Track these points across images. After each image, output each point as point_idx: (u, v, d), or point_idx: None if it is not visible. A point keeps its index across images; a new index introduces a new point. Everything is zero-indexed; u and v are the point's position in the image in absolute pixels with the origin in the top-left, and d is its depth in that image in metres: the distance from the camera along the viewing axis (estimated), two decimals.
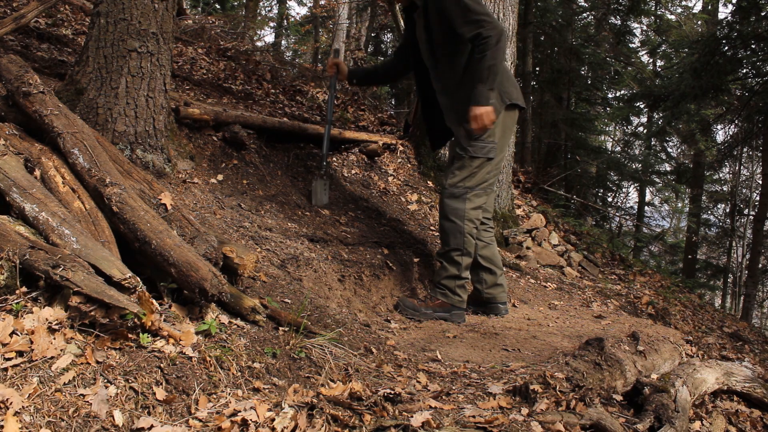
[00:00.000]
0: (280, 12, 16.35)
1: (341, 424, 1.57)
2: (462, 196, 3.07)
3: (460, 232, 3.07)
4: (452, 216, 3.08)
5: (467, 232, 3.08)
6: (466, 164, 3.07)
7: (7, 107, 2.64)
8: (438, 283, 3.15)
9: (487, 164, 3.08)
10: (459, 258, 3.09)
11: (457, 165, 3.10)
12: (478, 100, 2.90)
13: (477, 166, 3.07)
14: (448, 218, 3.09)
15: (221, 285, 1.96)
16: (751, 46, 6.73)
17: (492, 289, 3.31)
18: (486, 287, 3.31)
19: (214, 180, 3.32)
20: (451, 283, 3.11)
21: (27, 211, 1.98)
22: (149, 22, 2.88)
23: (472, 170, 3.07)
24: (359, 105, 6.56)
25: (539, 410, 1.84)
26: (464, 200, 3.07)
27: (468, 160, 3.06)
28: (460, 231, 3.07)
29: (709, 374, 2.56)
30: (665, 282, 5.87)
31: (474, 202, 3.09)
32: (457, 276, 3.10)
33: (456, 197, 3.08)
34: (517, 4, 5.18)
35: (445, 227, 3.12)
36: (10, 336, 1.54)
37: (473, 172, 3.07)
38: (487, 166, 3.08)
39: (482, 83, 2.88)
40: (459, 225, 3.07)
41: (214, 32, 7.53)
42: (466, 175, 3.07)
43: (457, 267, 3.10)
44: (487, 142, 3.04)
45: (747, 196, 13.95)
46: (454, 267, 3.11)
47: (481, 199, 3.13)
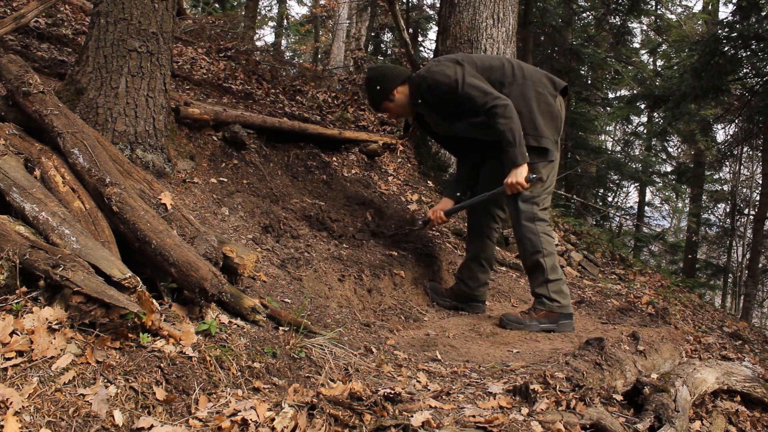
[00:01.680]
0: (280, 12, 16.35)
1: (341, 424, 1.57)
2: (530, 200, 3.03)
3: (535, 234, 3.01)
4: (525, 220, 3.02)
5: (542, 231, 3.02)
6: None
7: (7, 107, 2.64)
8: (534, 292, 3.08)
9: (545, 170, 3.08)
10: (542, 260, 3.00)
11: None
12: (514, 160, 2.94)
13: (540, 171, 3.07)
14: (521, 223, 3.04)
15: (221, 285, 1.96)
16: (751, 46, 6.73)
17: (481, 287, 3.34)
18: (477, 285, 3.32)
19: (214, 180, 3.32)
20: (543, 289, 3.01)
21: (27, 210, 1.98)
22: (149, 21, 2.88)
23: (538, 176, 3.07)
24: (359, 105, 6.56)
25: (539, 410, 1.84)
26: (532, 203, 3.03)
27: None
28: (534, 233, 3.01)
29: (709, 374, 2.56)
30: (665, 282, 5.87)
31: (541, 204, 3.07)
32: (545, 280, 3.01)
33: (524, 200, 3.03)
34: (517, 4, 5.19)
35: (521, 233, 3.05)
36: (10, 336, 1.54)
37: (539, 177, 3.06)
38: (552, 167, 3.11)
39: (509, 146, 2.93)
40: (532, 227, 3.01)
41: (214, 32, 7.53)
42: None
43: (542, 271, 3.01)
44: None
45: (747, 196, 13.94)
46: (539, 272, 3.03)
47: (548, 200, 3.13)
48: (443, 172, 4.88)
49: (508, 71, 3.09)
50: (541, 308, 3.01)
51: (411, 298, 3.30)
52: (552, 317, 2.98)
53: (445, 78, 3.00)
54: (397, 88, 3.18)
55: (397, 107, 3.25)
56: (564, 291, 3.04)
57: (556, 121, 3.11)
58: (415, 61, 6.29)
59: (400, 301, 3.20)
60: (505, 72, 3.09)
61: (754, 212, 10.55)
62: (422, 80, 3.08)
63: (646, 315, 3.69)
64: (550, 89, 3.12)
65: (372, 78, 3.25)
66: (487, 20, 4.89)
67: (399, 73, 3.21)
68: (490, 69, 3.08)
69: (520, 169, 2.93)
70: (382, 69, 3.33)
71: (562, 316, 2.99)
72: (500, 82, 3.06)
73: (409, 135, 5.32)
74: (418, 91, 3.13)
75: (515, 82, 3.07)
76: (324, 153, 4.25)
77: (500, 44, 4.93)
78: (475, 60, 3.12)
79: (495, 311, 3.43)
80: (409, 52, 6.26)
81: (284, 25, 16.63)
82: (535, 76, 3.13)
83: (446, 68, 3.03)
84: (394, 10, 6.12)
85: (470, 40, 4.89)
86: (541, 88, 3.09)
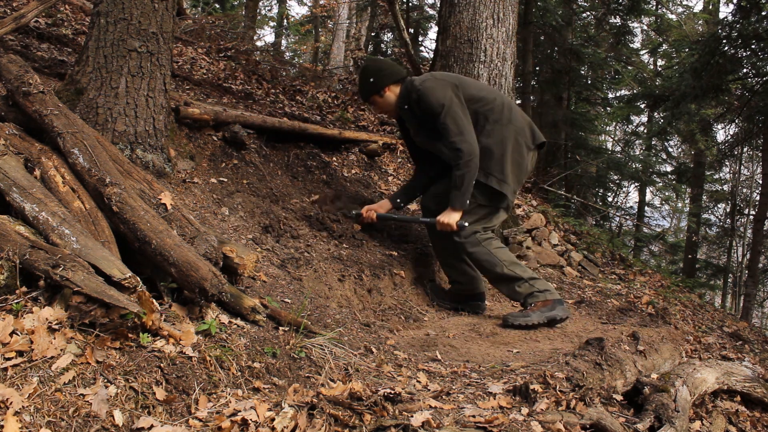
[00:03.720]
0: (280, 12, 16.34)
1: (341, 424, 1.57)
2: (471, 235, 3.12)
3: (487, 254, 3.12)
4: (471, 247, 3.13)
5: (493, 248, 3.13)
6: (474, 211, 3.13)
7: (7, 107, 2.64)
8: (523, 301, 3.13)
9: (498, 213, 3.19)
10: (506, 269, 3.10)
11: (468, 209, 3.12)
12: (453, 203, 3.06)
13: (486, 214, 3.16)
14: (470, 253, 3.15)
15: (221, 285, 1.96)
16: (752, 46, 6.73)
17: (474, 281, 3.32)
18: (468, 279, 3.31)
19: (214, 180, 3.32)
20: (526, 288, 3.09)
21: (27, 210, 1.98)
22: (149, 21, 2.88)
23: (480, 216, 3.15)
24: (359, 105, 6.55)
25: (539, 410, 1.84)
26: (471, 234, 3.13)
27: (476, 207, 3.13)
28: (486, 252, 3.12)
29: (709, 374, 2.56)
30: (665, 282, 5.86)
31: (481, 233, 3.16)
32: (522, 280, 3.09)
33: (466, 237, 3.12)
34: (517, 4, 5.18)
35: (476, 259, 3.15)
36: (10, 336, 1.54)
37: (481, 218, 3.15)
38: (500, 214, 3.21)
39: (455, 189, 3.03)
40: (481, 249, 3.12)
41: (214, 32, 7.53)
42: (474, 220, 3.13)
43: (512, 278, 3.10)
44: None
45: (747, 196, 13.94)
46: (512, 282, 3.11)
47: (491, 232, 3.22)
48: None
49: (497, 108, 3.14)
50: (535, 300, 3.06)
51: (411, 298, 3.29)
52: (548, 304, 3.04)
53: (434, 99, 3.03)
54: (390, 86, 3.20)
55: (384, 104, 3.26)
56: (546, 283, 3.13)
57: (522, 173, 3.21)
58: (415, 61, 6.30)
59: (400, 301, 3.20)
60: (494, 108, 3.14)
61: (754, 212, 10.54)
62: (414, 90, 3.10)
63: (646, 315, 3.69)
64: (528, 142, 3.19)
65: (368, 69, 3.27)
66: (487, 20, 4.89)
67: (395, 72, 3.22)
68: (481, 100, 3.13)
69: (455, 213, 3.06)
70: (380, 63, 3.36)
71: (556, 302, 3.05)
72: (485, 116, 3.12)
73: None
74: (407, 97, 3.15)
75: (499, 122, 3.12)
76: (324, 153, 4.25)
77: (500, 44, 4.93)
78: (471, 88, 3.16)
79: (495, 311, 3.43)
80: (409, 52, 6.27)
81: (284, 25, 16.63)
82: (520, 123, 3.19)
83: (438, 90, 3.05)
84: (394, 10, 6.13)
85: (470, 40, 4.89)
86: (521, 137, 3.16)
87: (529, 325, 2.96)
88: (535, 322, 2.97)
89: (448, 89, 3.05)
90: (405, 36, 6.18)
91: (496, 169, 3.08)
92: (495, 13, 4.90)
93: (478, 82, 3.53)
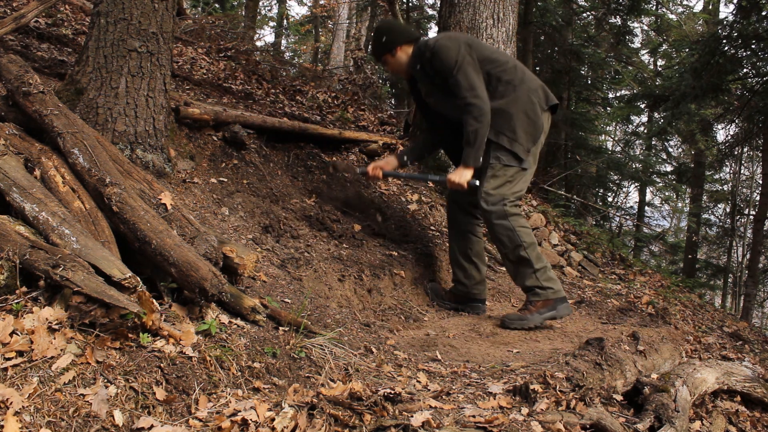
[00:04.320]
0: (280, 12, 16.35)
1: (341, 424, 1.57)
2: (498, 202, 3.03)
3: (510, 230, 3.01)
4: (496, 219, 3.03)
5: (517, 226, 3.02)
6: (499, 173, 3.06)
7: (7, 107, 2.64)
8: (524, 287, 3.07)
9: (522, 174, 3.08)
10: (524, 253, 3.00)
11: (491, 173, 3.06)
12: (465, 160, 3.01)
13: (512, 175, 3.06)
14: (494, 223, 3.04)
15: (221, 285, 1.96)
16: (752, 46, 6.72)
17: (478, 285, 3.32)
18: (473, 283, 3.31)
19: (214, 180, 3.32)
20: (534, 280, 3.02)
21: (27, 210, 1.98)
22: (149, 21, 2.88)
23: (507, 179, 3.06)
24: (359, 105, 6.55)
25: (539, 410, 1.84)
26: (500, 204, 3.03)
27: (501, 168, 3.06)
28: (510, 228, 3.01)
29: (710, 374, 2.56)
30: (665, 282, 5.86)
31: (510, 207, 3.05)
32: (534, 270, 3.01)
33: (492, 203, 3.03)
34: (517, 4, 5.18)
35: (497, 232, 3.05)
36: (10, 336, 1.54)
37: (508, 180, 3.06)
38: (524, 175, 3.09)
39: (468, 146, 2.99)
40: (506, 223, 3.02)
41: (214, 32, 7.53)
42: (500, 183, 3.05)
43: (527, 263, 3.01)
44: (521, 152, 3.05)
45: (747, 196, 13.94)
46: (525, 265, 3.03)
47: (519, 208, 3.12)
48: (443, 171, 4.88)
49: (510, 70, 3.11)
50: (537, 299, 3.01)
51: (411, 298, 3.30)
52: (549, 304, 3.00)
53: (446, 56, 3.02)
54: (402, 46, 3.19)
55: (395, 64, 3.26)
56: (553, 276, 3.05)
57: (536, 132, 3.14)
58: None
59: (400, 301, 3.20)
60: (507, 69, 3.10)
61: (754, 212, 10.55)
62: (427, 49, 3.09)
63: (646, 315, 3.69)
64: (542, 102, 3.15)
65: (381, 28, 3.31)
66: (487, 20, 4.89)
67: (408, 33, 3.23)
68: (494, 62, 3.10)
69: (466, 171, 3.01)
70: (393, 24, 3.42)
71: (558, 301, 3.01)
72: (498, 77, 3.08)
73: (409, 135, 5.32)
74: (420, 57, 3.14)
75: (512, 83, 3.09)
76: (324, 153, 4.25)
77: (500, 44, 4.93)
78: (485, 50, 3.14)
79: (495, 311, 3.43)
80: None
81: (284, 25, 16.63)
82: (534, 84, 3.16)
83: (452, 48, 3.03)
84: (394, 10, 6.13)
85: None
86: (534, 97, 3.12)
87: (527, 328, 2.95)
88: (533, 325, 2.95)
89: (461, 47, 3.04)
90: None
91: (507, 128, 3.04)
92: (495, 13, 4.90)
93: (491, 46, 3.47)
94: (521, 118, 3.06)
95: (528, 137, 3.09)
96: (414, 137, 5.11)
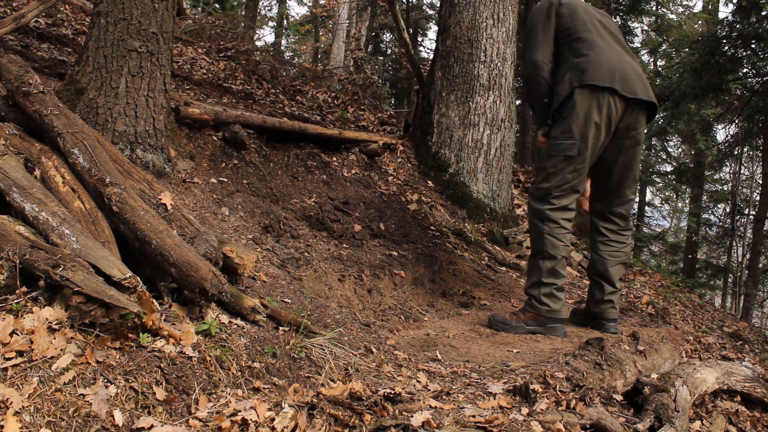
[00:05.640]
0: (280, 12, 16.35)
1: (341, 424, 1.57)
2: (542, 198, 2.87)
3: (540, 234, 2.86)
4: (533, 217, 2.91)
5: (547, 233, 2.84)
6: (544, 164, 2.94)
7: (7, 107, 2.64)
8: (526, 291, 2.96)
9: (565, 163, 2.82)
10: (540, 262, 2.85)
11: (539, 165, 3.05)
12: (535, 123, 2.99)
13: (553, 166, 2.85)
14: (530, 220, 2.93)
15: (221, 285, 1.96)
16: (752, 45, 6.72)
17: (599, 305, 3.05)
18: (592, 301, 3.09)
19: (214, 180, 3.32)
20: (535, 291, 2.87)
21: (27, 210, 1.98)
22: (149, 21, 2.88)
23: (549, 171, 2.87)
24: (359, 105, 6.56)
25: (539, 410, 1.84)
26: (544, 201, 2.86)
27: (545, 159, 2.91)
28: (540, 232, 2.86)
29: (709, 374, 2.56)
30: (665, 282, 5.87)
31: (555, 204, 2.85)
32: (539, 283, 2.86)
33: (537, 199, 2.90)
34: (517, 4, 5.18)
35: (530, 230, 2.96)
36: (10, 336, 1.54)
37: (551, 172, 2.86)
38: (567, 165, 2.82)
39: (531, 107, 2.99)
40: (539, 226, 2.87)
41: (214, 32, 7.53)
42: (545, 176, 2.89)
43: (538, 272, 2.86)
44: (563, 138, 2.81)
45: (747, 196, 13.94)
46: (535, 273, 2.88)
47: (568, 199, 2.87)
48: (443, 172, 4.88)
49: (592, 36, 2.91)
50: (530, 310, 2.90)
51: (411, 298, 3.30)
52: (540, 320, 2.87)
53: (534, 10, 3.00)
54: None
55: None
56: (557, 296, 2.88)
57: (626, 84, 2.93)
58: (415, 61, 6.30)
59: (400, 301, 3.20)
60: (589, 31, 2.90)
61: (754, 212, 10.55)
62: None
63: (646, 315, 3.69)
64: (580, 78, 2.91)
65: None
66: (487, 20, 4.89)
67: None
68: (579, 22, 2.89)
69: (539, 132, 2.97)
70: None
71: (551, 320, 2.86)
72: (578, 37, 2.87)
73: (409, 135, 5.33)
74: None
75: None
76: (324, 153, 4.25)
77: (500, 44, 4.93)
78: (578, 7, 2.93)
79: (495, 311, 3.43)
80: (409, 52, 6.27)
81: (284, 25, 16.63)
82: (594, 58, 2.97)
83: (539, 6, 2.97)
84: (394, 10, 6.13)
85: (470, 40, 4.89)
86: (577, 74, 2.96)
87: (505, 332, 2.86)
88: (513, 333, 2.86)
89: (546, 5, 2.95)
90: (405, 36, 6.17)
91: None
92: (495, 13, 4.90)
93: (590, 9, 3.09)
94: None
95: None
96: None
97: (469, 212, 4.70)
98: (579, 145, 2.79)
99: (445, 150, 4.89)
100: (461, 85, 4.89)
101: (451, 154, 4.87)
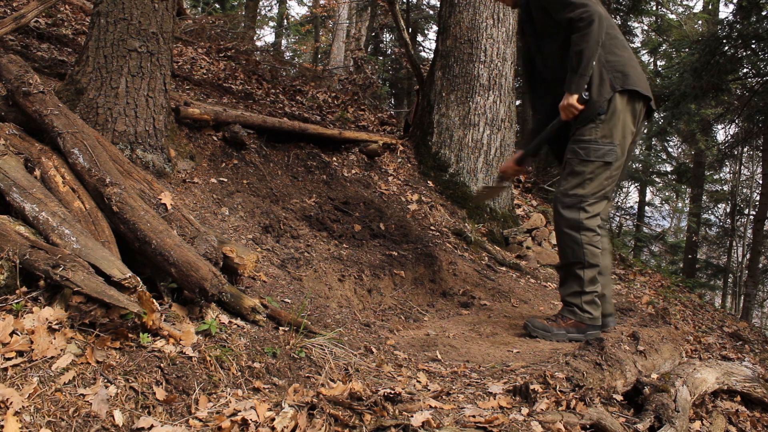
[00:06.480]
0: (280, 12, 16.35)
1: (341, 424, 1.57)
2: (575, 206, 2.72)
3: (577, 244, 2.73)
4: (567, 228, 2.75)
5: (586, 243, 2.73)
6: (578, 169, 2.72)
7: (7, 107, 2.64)
8: (564, 299, 2.86)
9: (603, 169, 2.70)
10: (581, 272, 2.75)
11: (569, 170, 2.76)
12: (568, 86, 2.65)
13: (591, 172, 2.70)
14: (562, 230, 2.77)
15: (221, 285, 1.96)
16: (752, 46, 6.73)
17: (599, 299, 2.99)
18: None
19: (214, 180, 3.32)
20: (577, 299, 2.79)
21: (27, 211, 1.98)
22: (149, 22, 2.88)
23: (586, 177, 2.71)
24: (359, 105, 6.56)
25: (539, 410, 1.84)
26: (578, 210, 2.72)
27: (580, 164, 2.71)
28: (577, 243, 2.73)
29: (710, 374, 2.56)
30: (665, 282, 5.87)
31: (590, 212, 2.74)
32: (581, 291, 2.77)
33: (569, 207, 2.73)
34: None
35: (562, 240, 2.79)
36: (10, 336, 1.54)
37: (588, 178, 2.71)
38: (604, 171, 2.70)
39: (571, 71, 2.62)
40: (576, 236, 2.73)
41: (214, 32, 7.53)
42: (579, 182, 2.72)
43: (579, 282, 2.77)
44: (602, 143, 2.68)
45: (747, 196, 13.95)
46: (575, 282, 2.78)
47: (600, 206, 2.77)
48: (443, 172, 4.89)
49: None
50: (570, 317, 2.81)
51: (411, 298, 3.30)
52: (581, 327, 2.79)
53: None
54: None
55: None
56: (597, 302, 2.81)
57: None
58: (414, 61, 6.30)
59: (400, 301, 3.20)
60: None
61: (754, 212, 10.55)
62: None
63: (646, 315, 3.69)
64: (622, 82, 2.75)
65: None
66: (487, 20, 4.89)
67: None
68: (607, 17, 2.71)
69: (572, 96, 2.65)
70: None
71: (591, 327, 2.79)
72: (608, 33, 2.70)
73: (409, 135, 5.33)
74: None
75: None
76: (324, 153, 4.25)
77: (500, 44, 4.93)
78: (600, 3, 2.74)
79: (494, 311, 3.43)
80: (409, 52, 6.27)
81: (284, 25, 16.63)
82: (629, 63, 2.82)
83: None
84: (394, 10, 6.13)
85: (470, 40, 4.89)
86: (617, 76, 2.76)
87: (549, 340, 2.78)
88: (556, 340, 2.78)
89: None
90: (405, 36, 6.17)
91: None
92: (495, 13, 4.90)
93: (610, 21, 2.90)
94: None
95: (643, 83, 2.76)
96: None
97: (469, 212, 4.70)
98: (617, 151, 2.70)
99: (445, 150, 4.89)
100: (461, 85, 4.89)
101: (451, 154, 4.87)
